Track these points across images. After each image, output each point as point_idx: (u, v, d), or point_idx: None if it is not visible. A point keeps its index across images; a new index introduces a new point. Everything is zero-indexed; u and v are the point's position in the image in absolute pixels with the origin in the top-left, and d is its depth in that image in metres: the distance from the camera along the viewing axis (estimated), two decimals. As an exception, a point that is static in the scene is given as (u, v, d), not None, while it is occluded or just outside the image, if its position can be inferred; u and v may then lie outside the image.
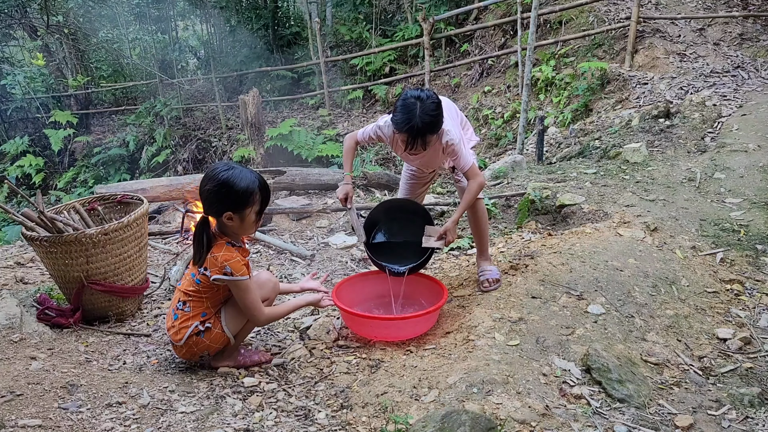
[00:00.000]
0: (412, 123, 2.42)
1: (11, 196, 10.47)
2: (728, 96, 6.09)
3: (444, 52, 10.14)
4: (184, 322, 2.32)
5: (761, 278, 3.07)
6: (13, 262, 3.84)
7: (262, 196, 2.24)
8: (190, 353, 2.38)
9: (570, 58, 8.02)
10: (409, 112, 2.43)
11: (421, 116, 2.42)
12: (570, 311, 2.61)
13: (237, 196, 2.18)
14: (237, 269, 2.22)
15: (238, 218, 2.22)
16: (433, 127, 2.49)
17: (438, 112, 2.48)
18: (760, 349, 2.52)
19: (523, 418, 1.94)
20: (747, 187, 4.05)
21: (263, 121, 9.34)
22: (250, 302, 2.29)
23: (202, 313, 2.33)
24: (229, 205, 2.19)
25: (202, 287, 2.30)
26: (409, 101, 2.45)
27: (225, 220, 2.22)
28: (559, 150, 6.27)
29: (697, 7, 8.02)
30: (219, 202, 2.20)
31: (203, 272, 2.26)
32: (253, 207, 2.23)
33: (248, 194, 2.19)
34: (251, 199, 2.21)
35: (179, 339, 2.33)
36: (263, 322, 2.46)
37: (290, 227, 4.60)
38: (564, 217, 3.92)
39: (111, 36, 12.96)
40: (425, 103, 2.43)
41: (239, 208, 2.20)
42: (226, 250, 2.23)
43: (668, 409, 2.11)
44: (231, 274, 2.21)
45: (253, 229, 2.34)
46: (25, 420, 1.90)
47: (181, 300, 2.34)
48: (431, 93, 2.50)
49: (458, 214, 2.74)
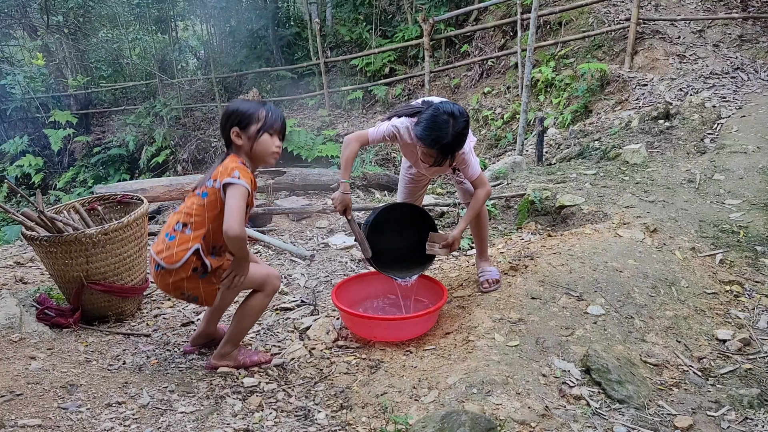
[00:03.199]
0: (445, 142, 2.39)
1: (10, 195, 10.47)
2: (728, 97, 6.10)
3: (444, 53, 10.15)
4: (183, 244, 2.19)
5: (760, 279, 3.07)
6: (13, 261, 3.84)
7: (268, 116, 2.25)
8: (175, 286, 2.23)
9: (570, 59, 8.03)
10: (441, 130, 2.38)
11: (454, 135, 2.39)
12: (570, 312, 2.62)
13: (240, 112, 2.24)
14: (244, 176, 2.18)
15: (245, 136, 2.24)
16: (462, 144, 2.48)
17: (467, 130, 2.47)
18: (760, 350, 2.52)
19: (523, 418, 1.94)
20: (746, 189, 4.05)
21: (263, 122, 9.35)
22: (237, 207, 2.12)
23: (203, 236, 2.21)
24: (233, 122, 2.24)
25: (208, 202, 2.20)
26: (441, 118, 2.38)
27: (234, 137, 2.25)
28: (558, 151, 6.28)
29: (697, 8, 8.03)
30: (227, 121, 2.26)
31: (212, 185, 2.20)
32: (258, 124, 2.24)
33: (251, 110, 2.24)
34: (255, 116, 2.24)
35: (175, 261, 2.18)
36: (235, 234, 2.10)
37: (290, 227, 4.60)
38: (564, 218, 3.92)
39: (111, 36, 12.96)
40: (458, 122, 2.39)
41: (243, 124, 2.23)
42: (237, 164, 2.21)
43: (668, 410, 2.11)
44: (238, 177, 2.16)
45: (265, 153, 2.28)
46: (24, 420, 1.90)
47: (181, 222, 2.23)
48: (462, 109, 2.45)
49: (464, 223, 2.73)
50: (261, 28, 12.03)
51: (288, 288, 3.41)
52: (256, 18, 12.04)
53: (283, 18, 12.53)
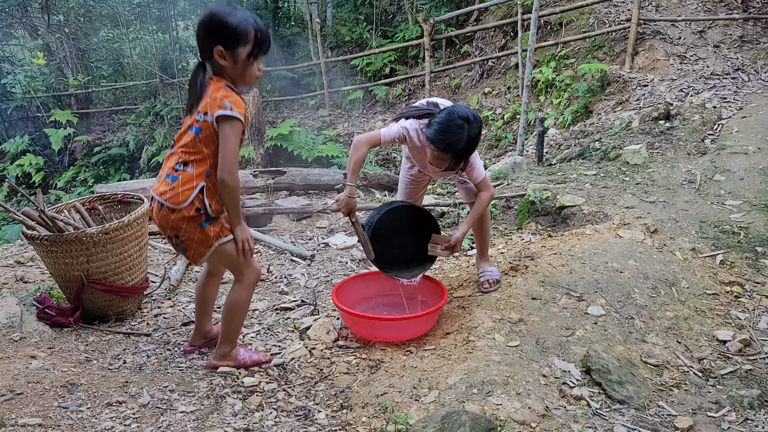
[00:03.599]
0: (459, 147, 2.38)
1: (10, 195, 10.47)
2: (728, 98, 6.10)
3: (444, 53, 10.15)
4: (187, 183, 2.11)
5: (761, 280, 3.07)
6: (13, 261, 3.84)
7: (257, 37, 2.07)
8: (174, 225, 2.15)
9: (570, 59, 8.03)
10: (456, 135, 2.36)
11: (468, 140, 2.38)
12: (570, 312, 2.62)
13: (227, 29, 2.03)
14: (237, 105, 2.05)
15: (230, 57, 2.06)
16: (474, 149, 2.48)
17: (480, 134, 2.47)
18: (760, 351, 2.52)
19: (523, 419, 1.94)
20: (747, 190, 4.05)
21: (263, 122, 9.37)
22: (231, 151, 2.04)
23: (206, 173, 2.13)
24: (218, 39, 2.04)
25: (204, 136, 2.10)
26: (456, 122, 2.36)
27: (217, 56, 2.06)
28: (559, 151, 6.28)
29: (698, 9, 8.03)
30: (208, 35, 2.05)
31: (203, 119, 2.07)
32: (246, 47, 2.06)
33: (240, 28, 2.04)
34: (244, 37, 2.05)
35: (182, 201, 2.11)
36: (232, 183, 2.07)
37: (290, 227, 4.60)
38: (564, 219, 3.92)
39: (112, 35, 12.96)
40: (473, 127, 2.38)
41: (230, 44, 2.04)
42: (224, 91, 2.07)
43: (668, 411, 2.11)
44: (231, 108, 2.04)
45: (249, 77, 2.14)
46: (25, 419, 1.91)
47: (181, 161, 2.14)
48: (476, 114, 2.44)
49: (467, 225, 2.73)
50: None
51: (288, 288, 3.41)
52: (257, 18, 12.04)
53: (283, 18, 12.54)
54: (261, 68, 2.18)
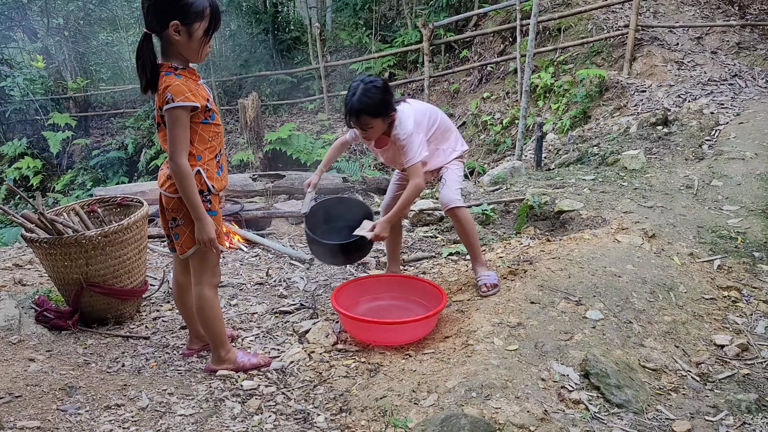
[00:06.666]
0: (350, 102, 2.62)
1: (9, 197, 10.46)
2: (726, 104, 6.13)
3: (443, 58, 10.19)
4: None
5: (758, 285, 3.08)
6: (12, 263, 3.84)
7: (212, 14, 2.06)
8: (174, 207, 2.20)
9: (569, 65, 8.06)
10: (351, 92, 2.62)
11: (360, 97, 2.59)
12: (568, 317, 2.62)
13: (185, 3, 1.99)
14: (177, 93, 2.01)
15: (185, 32, 2.02)
16: (371, 109, 2.61)
17: (378, 97, 2.61)
18: (757, 355, 2.53)
19: (522, 422, 1.94)
20: (744, 195, 4.07)
21: (262, 125, 9.37)
22: (174, 137, 2.03)
23: (198, 156, 2.16)
24: (176, 14, 1.99)
25: None
26: (353, 83, 2.65)
27: (172, 31, 2.01)
28: (557, 156, 6.30)
29: (695, 15, 8.08)
30: (164, 8, 1.99)
31: (162, 113, 2.06)
32: (203, 23, 2.04)
33: (197, 4, 2.01)
34: (200, 13, 2.02)
35: None
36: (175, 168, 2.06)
37: (289, 231, 4.60)
38: (562, 223, 3.93)
39: (111, 39, 12.99)
40: (367, 86, 2.60)
41: (188, 19, 2.00)
42: (166, 79, 2.04)
43: (666, 415, 2.12)
44: (172, 100, 2.00)
45: (200, 54, 2.11)
46: (23, 422, 1.90)
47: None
48: (378, 79, 2.67)
49: (392, 214, 2.79)
50: (261, 32, 12.07)
51: (287, 291, 3.41)
52: (256, 22, 12.08)
53: (283, 22, 12.58)
54: (211, 45, 2.17)
